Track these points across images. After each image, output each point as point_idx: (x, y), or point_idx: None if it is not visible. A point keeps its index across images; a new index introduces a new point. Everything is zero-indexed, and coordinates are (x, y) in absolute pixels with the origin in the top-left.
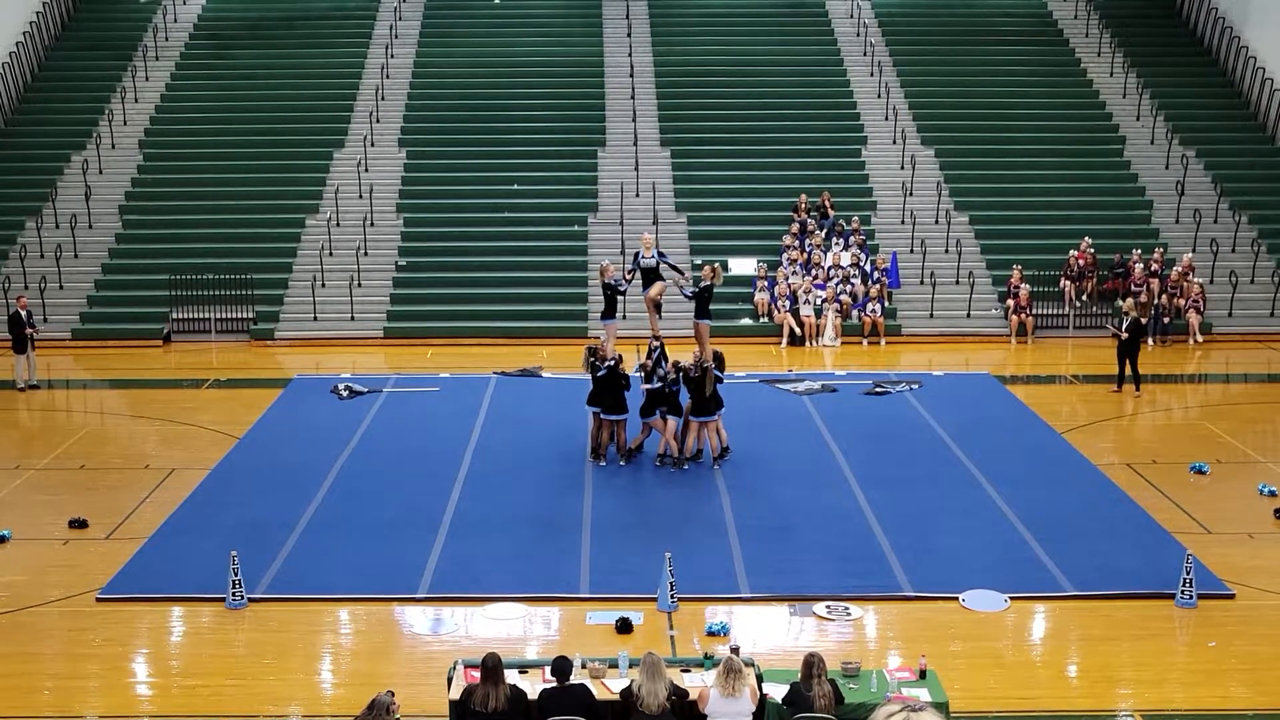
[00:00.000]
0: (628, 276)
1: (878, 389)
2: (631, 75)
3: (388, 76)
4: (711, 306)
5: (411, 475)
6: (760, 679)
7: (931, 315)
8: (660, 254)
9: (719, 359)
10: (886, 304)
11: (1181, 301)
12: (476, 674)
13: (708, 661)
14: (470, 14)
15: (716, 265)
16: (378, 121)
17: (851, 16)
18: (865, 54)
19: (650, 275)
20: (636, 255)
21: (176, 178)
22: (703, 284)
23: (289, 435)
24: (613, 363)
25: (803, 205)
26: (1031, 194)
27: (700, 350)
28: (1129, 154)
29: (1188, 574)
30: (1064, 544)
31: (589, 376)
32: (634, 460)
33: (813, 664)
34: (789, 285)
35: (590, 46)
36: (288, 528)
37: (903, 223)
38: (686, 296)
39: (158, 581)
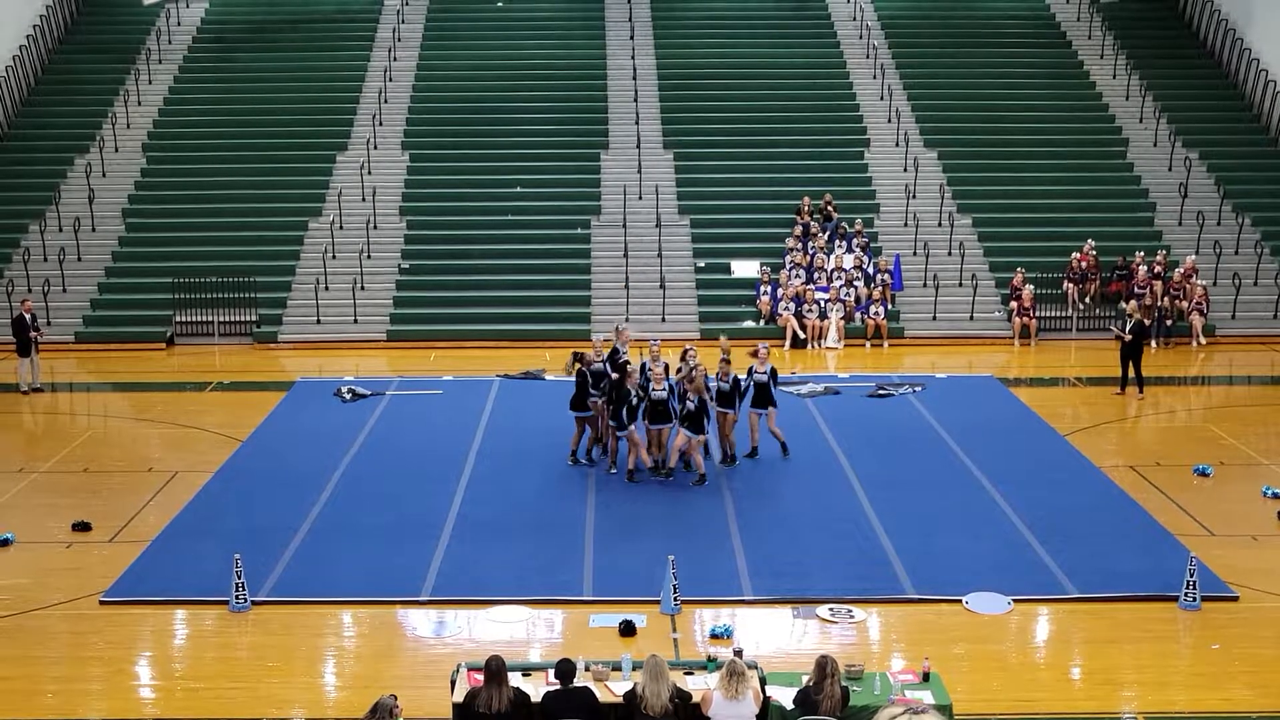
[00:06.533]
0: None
1: (881, 391)
2: (634, 78)
3: (391, 79)
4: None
5: (414, 478)
6: (763, 681)
7: (934, 318)
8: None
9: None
10: (889, 306)
11: (1184, 304)
12: (480, 677)
13: (711, 664)
14: (473, 17)
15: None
16: (381, 124)
17: (854, 19)
18: (868, 57)
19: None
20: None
21: (180, 181)
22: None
23: (292, 438)
24: (600, 364)
25: (806, 208)
26: (1034, 196)
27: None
28: (1132, 156)
29: (1191, 576)
30: (1067, 546)
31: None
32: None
33: (825, 666)
34: (792, 288)
35: (593, 49)
36: (291, 530)
37: (905, 225)
38: None
39: (161, 584)
